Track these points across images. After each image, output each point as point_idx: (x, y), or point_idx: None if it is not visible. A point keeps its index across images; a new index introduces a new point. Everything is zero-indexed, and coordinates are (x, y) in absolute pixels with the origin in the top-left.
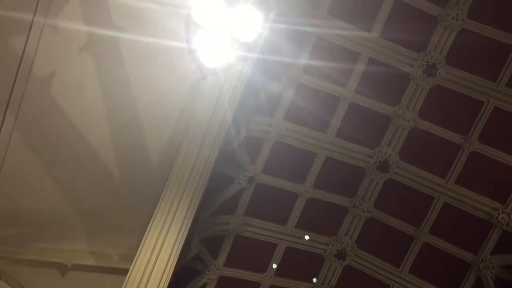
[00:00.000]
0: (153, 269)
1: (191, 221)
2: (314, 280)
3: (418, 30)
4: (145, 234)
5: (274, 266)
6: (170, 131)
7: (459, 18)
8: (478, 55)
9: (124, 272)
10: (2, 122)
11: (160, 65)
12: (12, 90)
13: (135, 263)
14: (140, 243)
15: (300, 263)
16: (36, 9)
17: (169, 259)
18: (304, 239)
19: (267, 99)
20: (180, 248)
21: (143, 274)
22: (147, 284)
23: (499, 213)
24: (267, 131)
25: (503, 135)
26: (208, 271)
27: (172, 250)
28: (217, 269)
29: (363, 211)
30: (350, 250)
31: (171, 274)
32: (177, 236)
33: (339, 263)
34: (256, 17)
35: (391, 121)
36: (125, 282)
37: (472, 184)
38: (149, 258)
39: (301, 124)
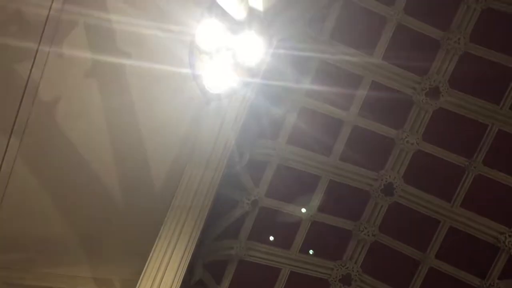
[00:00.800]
0: None
1: (194, 246)
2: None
3: (420, 54)
4: (148, 259)
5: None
6: (173, 156)
7: (461, 42)
8: (481, 78)
9: None
10: (7, 147)
11: (164, 91)
12: (17, 115)
13: None
14: (143, 269)
15: None
16: (41, 36)
17: (172, 285)
18: (309, 260)
19: (270, 123)
20: (183, 273)
21: None
22: None
23: (505, 237)
24: (270, 155)
25: (508, 158)
26: None
27: (175, 276)
28: None
29: (368, 235)
30: (355, 275)
31: None
32: (180, 261)
33: None
34: (259, 44)
35: (395, 144)
36: None
37: (478, 208)
38: (152, 284)
39: (305, 147)
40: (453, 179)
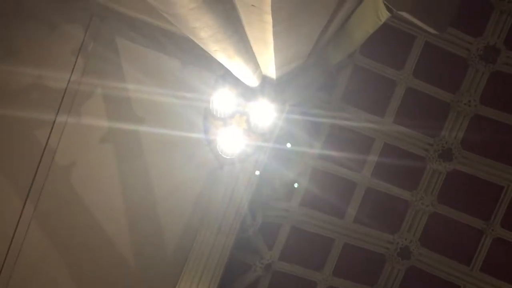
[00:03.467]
0: None
1: None
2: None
3: (431, 116)
4: None
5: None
6: (186, 220)
7: (472, 104)
8: (494, 140)
9: None
10: (22, 211)
11: (178, 156)
12: (33, 180)
13: None
14: None
15: None
16: (60, 104)
17: None
18: None
19: (282, 185)
20: None
21: None
22: None
23: None
24: (283, 217)
25: None
26: None
27: None
28: None
29: None
30: None
31: None
32: None
33: None
34: (271, 109)
35: (409, 206)
36: None
37: (498, 272)
38: None
39: (318, 209)
40: (471, 242)
